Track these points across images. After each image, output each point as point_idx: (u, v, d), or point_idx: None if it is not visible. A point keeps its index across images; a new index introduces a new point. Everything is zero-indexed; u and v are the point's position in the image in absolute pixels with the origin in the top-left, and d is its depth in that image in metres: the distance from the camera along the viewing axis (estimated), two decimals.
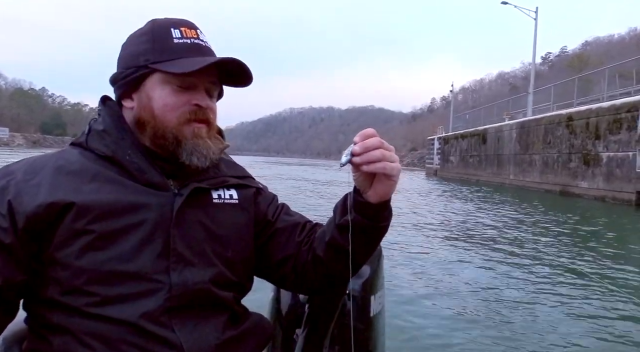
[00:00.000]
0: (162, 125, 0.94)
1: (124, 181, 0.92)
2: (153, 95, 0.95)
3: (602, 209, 12.86)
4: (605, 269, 5.63)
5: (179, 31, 0.96)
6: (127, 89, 0.98)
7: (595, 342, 3.34)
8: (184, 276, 0.91)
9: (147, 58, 0.95)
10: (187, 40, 0.96)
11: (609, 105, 15.37)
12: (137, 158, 0.94)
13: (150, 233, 0.90)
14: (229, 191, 1.03)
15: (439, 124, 51.06)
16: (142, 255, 0.88)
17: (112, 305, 0.85)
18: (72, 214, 0.86)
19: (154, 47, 0.95)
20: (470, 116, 37.36)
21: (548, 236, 7.95)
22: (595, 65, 33.68)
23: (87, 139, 0.96)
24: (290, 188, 16.91)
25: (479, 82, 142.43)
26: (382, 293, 1.35)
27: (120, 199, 0.90)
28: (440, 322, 3.65)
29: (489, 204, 13.58)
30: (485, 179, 25.69)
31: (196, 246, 0.94)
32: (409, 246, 6.71)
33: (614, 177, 14.48)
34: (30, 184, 0.88)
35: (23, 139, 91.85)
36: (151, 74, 0.95)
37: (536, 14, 25.45)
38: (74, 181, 0.89)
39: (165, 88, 0.94)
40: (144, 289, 0.87)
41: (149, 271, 0.88)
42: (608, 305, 4.16)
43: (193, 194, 0.96)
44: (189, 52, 0.95)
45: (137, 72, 0.96)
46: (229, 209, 1.02)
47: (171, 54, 0.94)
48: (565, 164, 17.48)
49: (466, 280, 4.95)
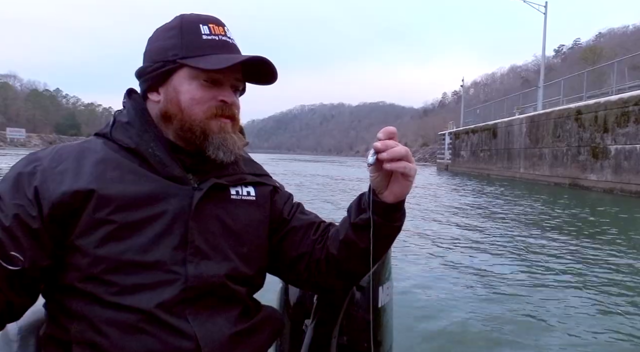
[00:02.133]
0: (190, 119, 0.96)
1: (145, 173, 0.94)
2: (181, 89, 0.96)
3: (609, 202, 13.02)
4: (615, 258, 5.72)
5: (207, 28, 0.98)
6: (154, 83, 0.99)
7: (605, 333, 3.35)
8: (200, 269, 0.92)
9: (176, 53, 0.96)
10: (215, 37, 0.97)
11: (617, 98, 15.51)
12: (159, 151, 0.96)
13: (168, 225, 0.92)
14: (247, 188, 1.06)
15: (450, 119, 51.17)
16: (160, 246, 0.90)
17: (129, 294, 0.87)
18: (94, 203, 0.88)
19: (183, 42, 0.97)
20: (480, 111, 37.40)
21: (556, 229, 8.06)
22: (609, 58, 33.54)
23: (112, 130, 0.98)
24: (319, 185, 17.08)
25: (490, 76, 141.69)
26: (390, 284, 1.37)
27: (141, 190, 0.92)
28: (450, 313, 3.65)
29: (499, 198, 13.79)
30: (496, 173, 25.86)
31: (213, 240, 0.96)
32: (417, 237, 6.84)
33: (622, 169, 14.65)
34: (55, 171, 0.89)
35: (39, 139, 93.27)
36: (179, 69, 0.97)
37: (545, 8, 25.51)
38: (97, 170, 0.91)
39: (192, 83, 0.96)
40: (160, 279, 0.89)
41: (166, 262, 0.90)
42: (616, 293, 4.25)
43: (212, 189, 0.98)
44: (216, 49, 0.96)
45: (165, 66, 0.97)
46: (246, 205, 1.04)
47: (200, 49, 0.96)
48: (574, 157, 17.65)
49: (476, 271, 4.98)
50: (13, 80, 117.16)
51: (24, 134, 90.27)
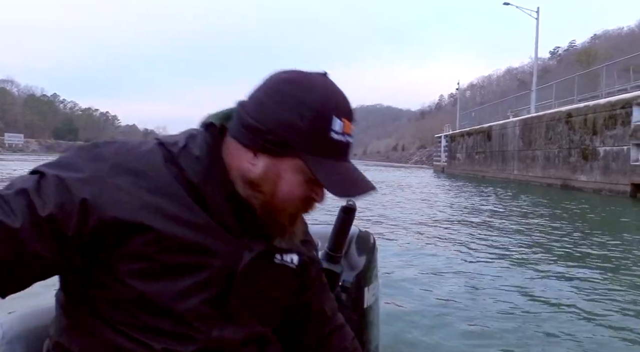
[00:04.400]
0: (279, 208, 0.88)
1: (199, 213, 0.86)
2: (284, 176, 0.86)
3: (598, 201, 13.52)
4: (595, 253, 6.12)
5: (339, 123, 0.85)
6: (256, 148, 0.86)
7: (589, 332, 3.38)
8: (224, 333, 0.89)
9: (299, 143, 0.84)
10: (342, 139, 0.85)
11: (605, 102, 16.10)
12: (220, 196, 0.88)
13: (208, 278, 0.87)
14: (291, 255, 0.99)
15: (447, 120, 51.68)
16: (193, 298, 0.86)
17: (145, 333, 0.84)
18: (143, 237, 0.82)
19: (312, 134, 0.84)
20: (476, 114, 37.96)
21: (544, 227, 8.34)
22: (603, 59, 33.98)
23: (180, 153, 0.87)
24: None
25: (487, 78, 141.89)
26: (376, 285, 1.37)
27: (191, 235, 0.85)
28: (435, 314, 3.68)
29: (491, 198, 14.24)
30: (490, 175, 26.38)
31: (247, 304, 0.92)
32: (405, 237, 6.92)
33: (610, 170, 15.19)
34: (114, 183, 0.81)
35: (37, 144, 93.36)
36: (293, 157, 0.85)
37: (537, 13, 26.14)
38: (154, 201, 0.84)
39: (297, 176, 0.86)
40: (182, 332, 0.85)
41: (193, 316, 0.86)
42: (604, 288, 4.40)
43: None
44: (339, 154, 0.86)
45: (281, 147, 0.84)
46: (287, 272, 0.99)
47: (324, 151, 0.84)
48: (565, 159, 18.20)
49: (462, 271, 5.03)
50: (10, 85, 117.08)
51: (23, 139, 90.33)
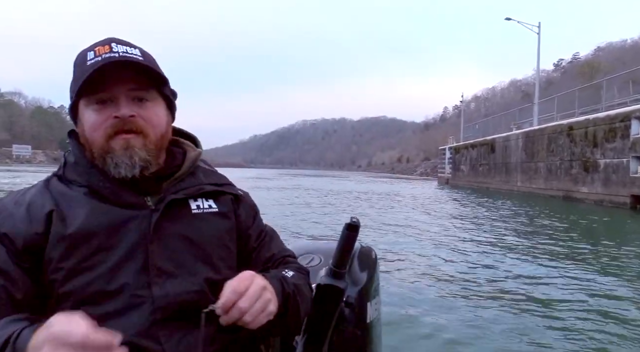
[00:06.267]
0: (93, 146, 0.96)
1: (101, 206, 0.94)
2: (83, 120, 0.97)
3: (599, 212, 13.73)
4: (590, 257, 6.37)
5: (92, 53, 0.94)
6: (75, 121, 1.01)
7: (583, 339, 3.47)
8: (166, 288, 0.92)
9: (73, 88, 0.96)
10: (98, 58, 0.93)
11: (604, 115, 16.45)
12: (109, 183, 0.96)
13: (129, 251, 0.92)
14: (208, 201, 1.04)
15: (451, 132, 52.10)
16: (123, 273, 0.90)
17: (101, 323, 0.81)
18: (56, 240, 0.90)
19: (75, 76, 0.96)
20: (480, 126, 38.29)
21: (546, 237, 8.58)
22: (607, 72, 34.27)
23: (65, 172, 0.99)
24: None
25: (491, 90, 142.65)
26: (378, 299, 1.38)
27: (98, 222, 0.92)
28: (436, 328, 3.68)
29: (495, 210, 14.46)
30: (494, 187, 26.64)
31: (177, 258, 0.95)
32: (407, 251, 6.90)
33: (610, 182, 15.48)
34: (17, 216, 0.92)
35: (44, 155, 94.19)
36: (79, 102, 0.97)
37: (539, 28, 26.58)
38: (60, 205, 0.93)
39: (87, 110, 0.95)
40: (127, 305, 0.89)
41: (131, 287, 0.90)
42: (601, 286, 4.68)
43: (171, 207, 0.97)
44: (100, 69, 0.92)
45: (71, 104, 0.99)
46: (210, 217, 1.02)
47: (84, 77, 0.92)
48: (567, 171, 18.49)
49: (465, 284, 5.03)
50: (18, 97, 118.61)
51: (30, 151, 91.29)
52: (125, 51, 0.95)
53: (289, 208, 13.29)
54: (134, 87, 0.96)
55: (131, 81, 0.95)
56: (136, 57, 0.95)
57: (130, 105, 0.95)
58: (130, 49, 0.96)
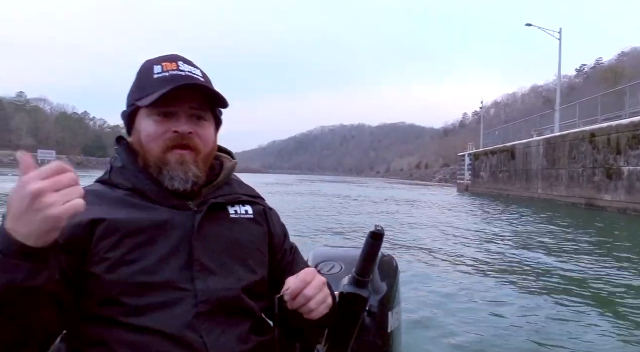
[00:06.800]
0: (148, 154, 1.01)
1: (148, 205, 1.00)
2: (140, 128, 1.03)
3: (624, 220, 13.52)
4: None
5: (160, 67, 1.02)
6: (128, 126, 1.08)
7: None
8: (208, 283, 0.97)
9: (134, 96, 1.03)
10: (165, 74, 1.01)
11: (628, 122, 16.18)
12: (155, 186, 1.02)
13: (174, 246, 0.97)
14: (244, 207, 1.11)
15: (470, 139, 51.56)
16: (167, 267, 0.95)
17: (144, 314, 0.91)
18: (103, 231, 0.94)
19: (138, 85, 1.04)
20: (499, 132, 37.93)
21: (571, 249, 8.26)
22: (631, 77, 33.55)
23: (111, 176, 1.05)
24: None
25: (511, 96, 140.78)
26: (399, 309, 1.39)
27: (145, 217, 0.98)
28: (457, 338, 3.65)
29: (516, 218, 14.26)
30: (515, 194, 26.35)
31: (217, 257, 1.01)
32: (427, 260, 6.85)
33: (634, 189, 15.20)
34: None
35: (68, 160, 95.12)
36: (138, 110, 1.03)
37: (560, 34, 26.29)
38: (104, 204, 0.98)
39: (148, 120, 1.01)
40: (172, 297, 0.93)
41: (175, 281, 0.95)
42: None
43: (211, 210, 1.04)
44: (165, 84, 0.98)
45: (129, 110, 1.05)
46: (246, 222, 1.10)
47: (150, 89, 1.00)
48: (589, 178, 18.21)
49: (485, 296, 4.94)
50: (43, 103, 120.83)
51: (55, 156, 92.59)
52: (190, 71, 1.04)
53: (308, 213, 13.40)
54: (195, 106, 1.03)
55: (193, 100, 1.02)
56: (199, 78, 1.04)
57: (189, 123, 1.02)
58: (194, 70, 1.05)
